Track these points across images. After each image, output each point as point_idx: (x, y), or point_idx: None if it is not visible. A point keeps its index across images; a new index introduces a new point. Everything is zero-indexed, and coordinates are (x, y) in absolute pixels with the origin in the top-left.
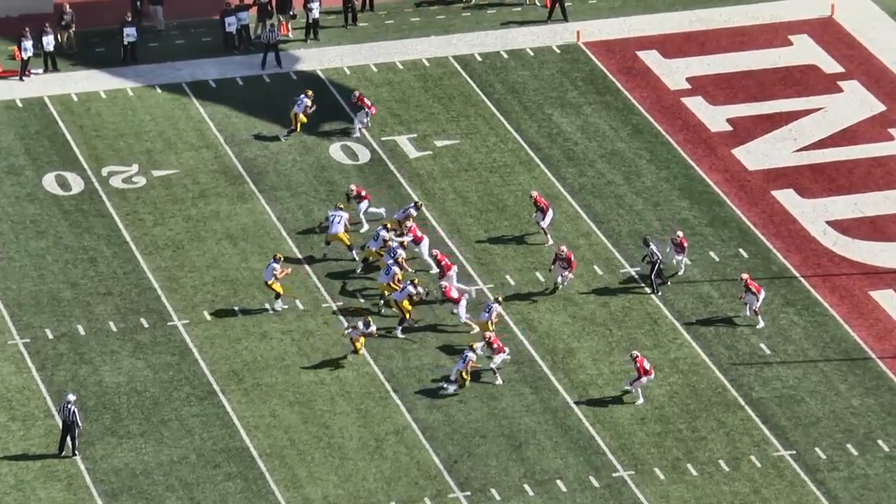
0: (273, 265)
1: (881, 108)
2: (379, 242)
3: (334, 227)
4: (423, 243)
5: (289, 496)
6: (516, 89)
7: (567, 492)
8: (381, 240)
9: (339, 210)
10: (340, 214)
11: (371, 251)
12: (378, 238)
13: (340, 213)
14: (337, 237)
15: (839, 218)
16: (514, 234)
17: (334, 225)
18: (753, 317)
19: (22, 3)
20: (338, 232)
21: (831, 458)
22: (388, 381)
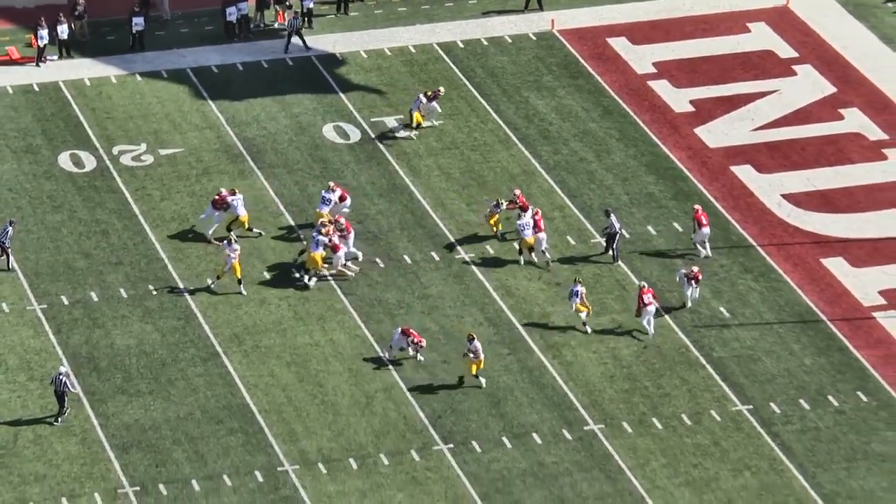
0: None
1: (832, 91)
2: (328, 206)
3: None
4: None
5: (286, 449)
6: (495, 74)
7: (542, 444)
8: (328, 202)
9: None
10: (238, 198)
11: (322, 213)
12: (326, 201)
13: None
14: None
15: (793, 192)
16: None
17: (238, 208)
18: (701, 248)
19: None
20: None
21: (785, 412)
22: (377, 344)
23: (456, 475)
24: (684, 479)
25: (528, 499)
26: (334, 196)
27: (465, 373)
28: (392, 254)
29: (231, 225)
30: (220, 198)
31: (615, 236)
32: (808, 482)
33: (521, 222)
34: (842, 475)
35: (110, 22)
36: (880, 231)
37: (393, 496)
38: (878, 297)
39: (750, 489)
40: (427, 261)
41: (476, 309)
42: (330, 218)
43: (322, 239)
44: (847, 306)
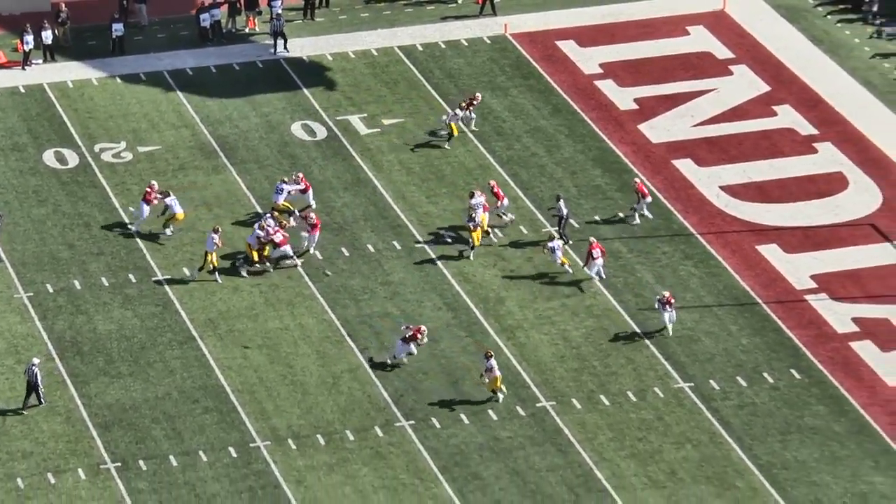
0: (212, 235)
1: (766, 89)
2: (282, 196)
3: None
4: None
5: (258, 426)
6: (453, 75)
7: (497, 420)
8: (285, 193)
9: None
10: (174, 199)
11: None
12: (281, 192)
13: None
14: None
15: (730, 183)
16: (451, 199)
17: (175, 208)
18: (640, 217)
19: (23, 1)
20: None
21: (724, 389)
22: (343, 327)
23: (417, 450)
24: (630, 451)
25: (484, 471)
26: (288, 186)
27: (487, 387)
28: (356, 243)
29: (168, 222)
30: (150, 190)
31: (562, 219)
32: (746, 454)
33: (473, 202)
34: (776, 447)
35: (92, 28)
36: (811, 219)
37: (358, 470)
38: (810, 281)
39: (691, 461)
40: (389, 249)
41: (435, 294)
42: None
43: (259, 233)
44: (781, 290)
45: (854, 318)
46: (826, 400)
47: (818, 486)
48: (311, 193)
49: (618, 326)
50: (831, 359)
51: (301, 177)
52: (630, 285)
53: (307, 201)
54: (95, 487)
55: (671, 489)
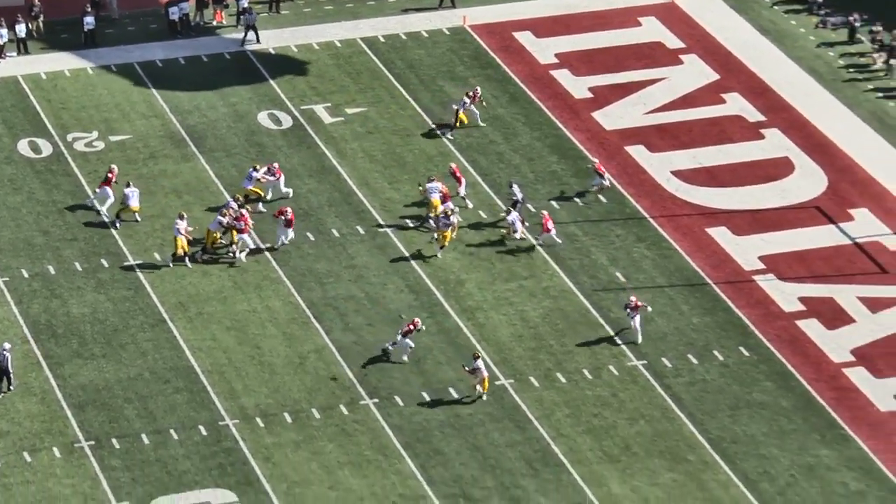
0: (178, 222)
1: (715, 77)
2: (251, 182)
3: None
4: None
5: (227, 405)
6: (413, 65)
7: (458, 397)
8: (253, 179)
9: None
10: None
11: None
12: (251, 178)
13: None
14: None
15: (681, 168)
16: (413, 185)
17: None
18: (598, 191)
19: None
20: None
21: (676, 366)
22: (308, 309)
23: (381, 427)
24: (586, 427)
25: (446, 447)
26: (257, 174)
27: (473, 387)
28: (321, 228)
29: (120, 213)
30: (111, 175)
31: (518, 204)
32: (697, 428)
33: (430, 185)
34: (726, 422)
35: (64, 21)
36: (759, 203)
37: (324, 446)
38: (758, 262)
39: (644, 435)
40: (353, 234)
41: (398, 277)
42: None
43: (221, 220)
44: (730, 271)
45: (800, 298)
46: (774, 376)
47: (766, 459)
48: (283, 181)
49: (574, 307)
50: (779, 337)
51: (276, 167)
52: (585, 267)
53: (280, 189)
54: (70, 465)
55: (625, 463)
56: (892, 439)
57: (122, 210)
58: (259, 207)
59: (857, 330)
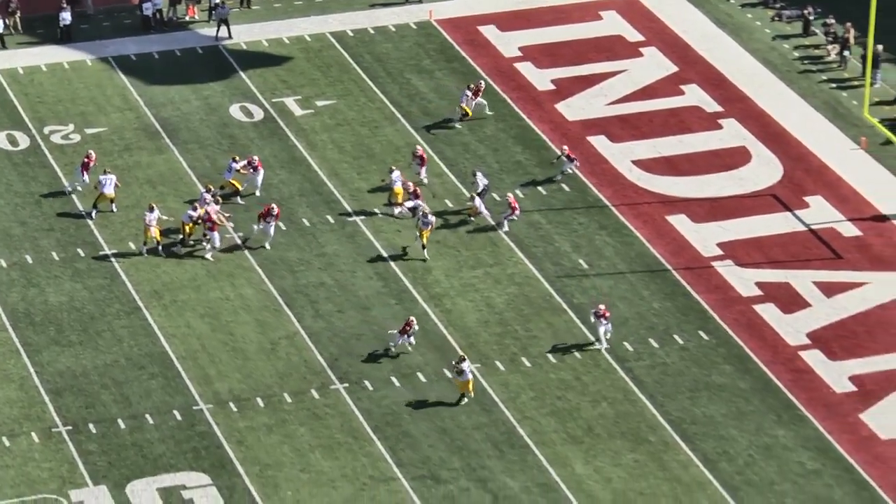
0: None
1: (674, 70)
2: (231, 174)
3: (107, 188)
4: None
5: (201, 391)
6: (381, 59)
7: (426, 382)
8: (233, 170)
9: (108, 174)
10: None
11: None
12: (230, 170)
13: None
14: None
15: (642, 158)
16: (381, 175)
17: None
18: (567, 169)
19: None
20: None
21: (637, 350)
22: (280, 297)
23: (351, 411)
24: (550, 409)
25: (414, 430)
26: (237, 165)
27: (459, 390)
28: (293, 217)
29: (96, 202)
30: (89, 160)
31: (482, 192)
32: (658, 410)
33: (393, 175)
34: (686, 404)
35: (40, 17)
36: (717, 191)
37: (296, 430)
38: (716, 249)
39: (607, 417)
40: (323, 223)
41: (367, 265)
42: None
43: (192, 213)
44: (689, 257)
45: (757, 283)
46: (732, 359)
47: (725, 440)
48: (260, 177)
49: (538, 293)
50: (737, 321)
51: (257, 160)
52: (549, 254)
53: (255, 183)
54: (48, 450)
55: (588, 444)
56: (846, 420)
57: (98, 199)
58: (237, 200)
59: (812, 314)
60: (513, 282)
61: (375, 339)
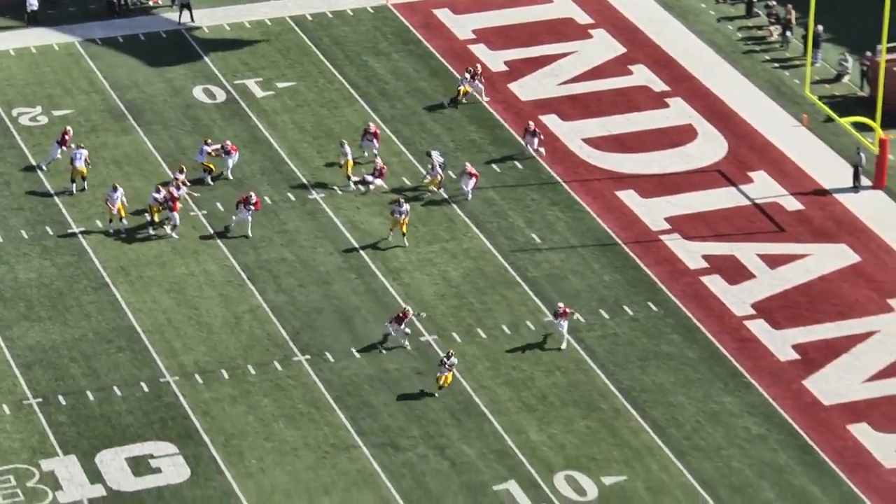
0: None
1: (623, 51)
2: (203, 157)
3: (77, 163)
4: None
5: (167, 363)
6: (339, 41)
7: (385, 354)
8: (205, 153)
9: (81, 149)
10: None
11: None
12: (202, 153)
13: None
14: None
15: (592, 136)
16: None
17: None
18: (530, 148)
19: None
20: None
21: (589, 321)
22: (243, 272)
23: (313, 382)
24: (505, 379)
25: (374, 400)
26: (209, 148)
27: (437, 381)
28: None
29: (73, 177)
30: (67, 137)
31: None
32: (609, 379)
33: (344, 149)
34: (636, 372)
35: (7, 4)
36: (664, 168)
37: (260, 401)
38: (664, 223)
39: (560, 386)
40: (284, 201)
41: (327, 241)
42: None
43: (157, 196)
44: (638, 231)
45: (704, 256)
46: (680, 329)
47: (674, 407)
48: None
49: (493, 267)
50: (684, 292)
51: (230, 144)
52: (503, 229)
53: (227, 165)
54: (19, 421)
55: (542, 412)
56: (790, 387)
57: (73, 173)
58: (207, 180)
59: (757, 285)
60: (468, 256)
61: (336, 312)
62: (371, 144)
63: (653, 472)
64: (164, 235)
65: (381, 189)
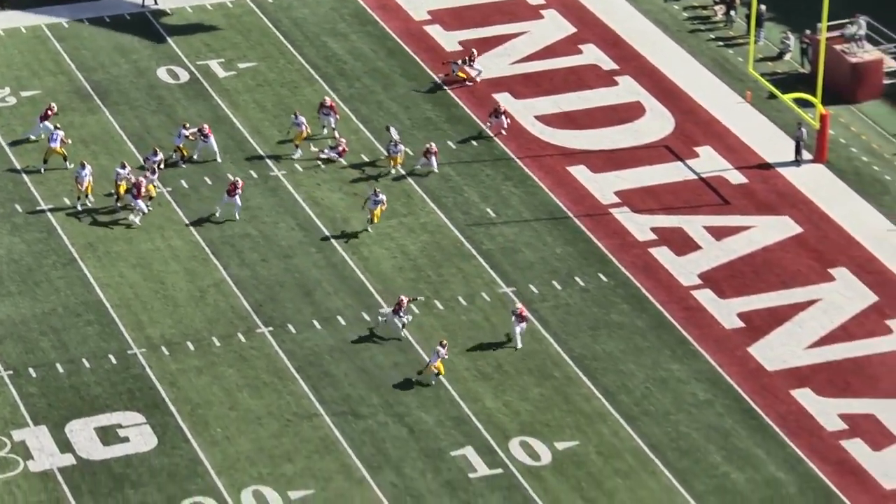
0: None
1: (573, 30)
2: (181, 140)
3: (53, 143)
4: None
5: (135, 336)
6: (299, 23)
7: (346, 325)
8: (182, 136)
9: (58, 130)
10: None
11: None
12: (180, 136)
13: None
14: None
15: (544, 113)
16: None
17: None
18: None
19: None
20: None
21: (542, 292)
22: (207, 247)
23: (276, 352)
24: (461, 348)
25: (335, 370)
26: (186, 132)
27: (425, 369)
28: (217, 173)
29: (47, 157)
30: (50, 112)
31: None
32: (562, 347)
33: (298, 120)
34: (588, 341)
35: None
36: (614, 143)
37: (224, 371)
38: (614, 197)
39: (514, 354)
40: (247, 178)
41: (289, 217)
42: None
43: (120, 171)
44: (589, 205)
45: (652, 228)
46: (630, 299)
47: (624, 374)
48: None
49: (449, 240)
50: (633, 263)
51: (207, 128)
52: (459, 204)
53: (211, 150)
54: None
55: (498, 380)
56: (735, 354)
57: (47, 153)
58: (180, 164)
59: (703, 256)
60: (425, 230)
61: (297, 285)
62: (328, 118)
63: (604, 437)
64: (129, 223)
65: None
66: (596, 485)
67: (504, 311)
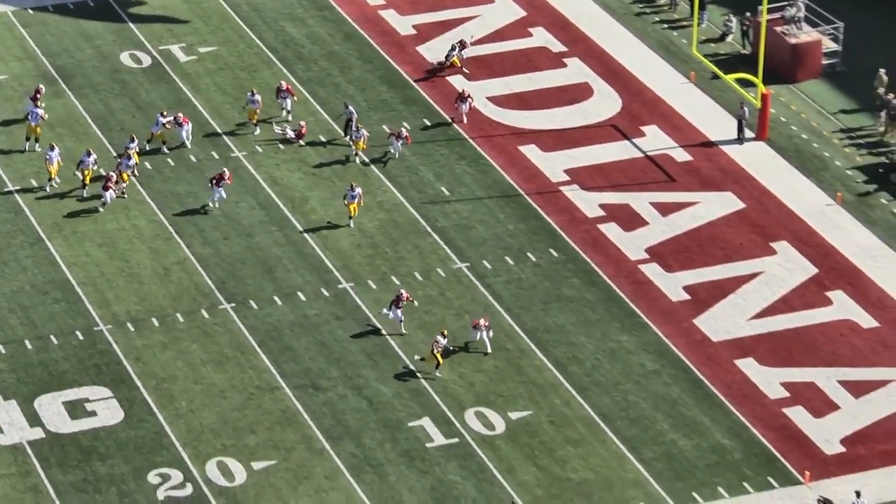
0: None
1: (523, 14)
2: (159, 127)
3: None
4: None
5: (101, 313)
6: (258, 8)
7: (306, 300)
8: (160, 124)
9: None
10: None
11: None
12: (158, 123)
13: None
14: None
15: (496, 94)
16: (261, 115)
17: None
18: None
19: None
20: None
21: (495, 267)
22: (171, 226)
23: (238, 328)
24: (418, 322)
25: (296, 344)
26: (164, 119)
27: (427, 356)
28: (181, 155)
29: (27, 132)
30: (39, 94)
31: (350, 121)
32: (514, 321)
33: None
34: (540, 314)
35: None
36: (564, 123)
37: (188, 346)
38: (564, 175)
39: (469, 328)
40: (209, 159)
41: (250, 196)
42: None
43: (85, 159)
44: (540, 183)
45: (601, 205)
46: (580, 273)
47: (575, 346)
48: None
49: (405, 218)
50: (583, 239)
51: (182, 116)
52: (414, 183)
53: (184, 137)
54: None
55: (453, 353)
56: (682, 325)
57: (28, 131)
58: (163, 149)
59: (650, 231)
60: (382, 208)
61: (258, 262)
62: (286, 101)
63: (556, 407)
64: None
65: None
66: (548, 453)
67: (458, 285)
